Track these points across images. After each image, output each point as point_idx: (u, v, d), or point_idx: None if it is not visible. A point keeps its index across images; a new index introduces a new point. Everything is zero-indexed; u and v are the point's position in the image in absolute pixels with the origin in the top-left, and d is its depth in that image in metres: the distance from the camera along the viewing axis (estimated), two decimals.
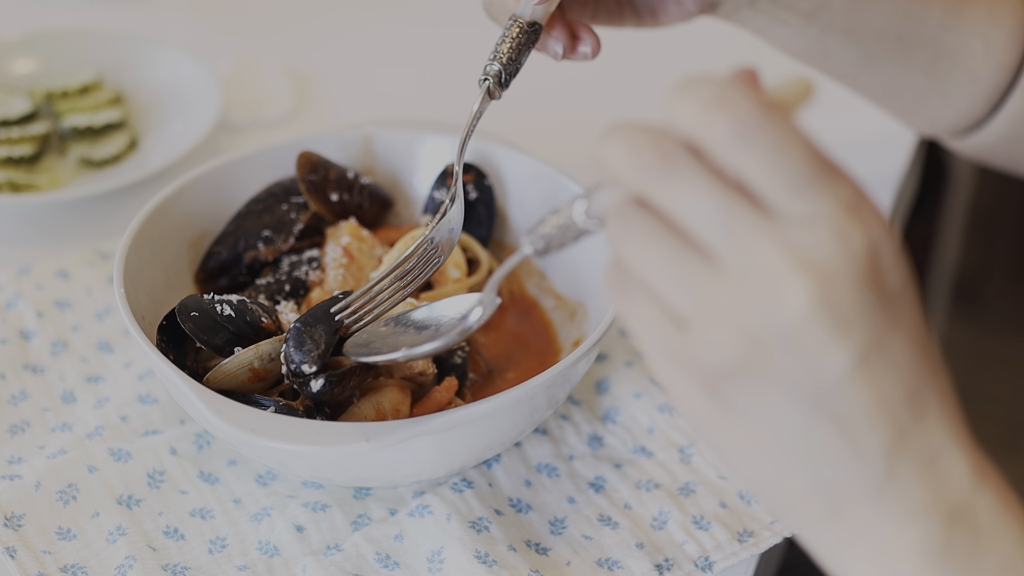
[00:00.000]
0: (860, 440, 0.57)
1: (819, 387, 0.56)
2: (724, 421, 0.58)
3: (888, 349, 0.57)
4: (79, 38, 1.33)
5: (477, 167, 1.03)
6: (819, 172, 0.56)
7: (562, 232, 0.64)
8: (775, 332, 0.56)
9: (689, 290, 0.57)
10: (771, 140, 0.55)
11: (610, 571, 0.88)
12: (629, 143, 0.57)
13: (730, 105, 0.56)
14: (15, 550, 0.87)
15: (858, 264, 0.56)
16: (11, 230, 1.16)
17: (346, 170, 1.03)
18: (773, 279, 0.55)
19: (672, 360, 0.58)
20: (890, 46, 1.05)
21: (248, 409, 0.82)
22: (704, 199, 0.56)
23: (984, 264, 2.70)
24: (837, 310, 0.55)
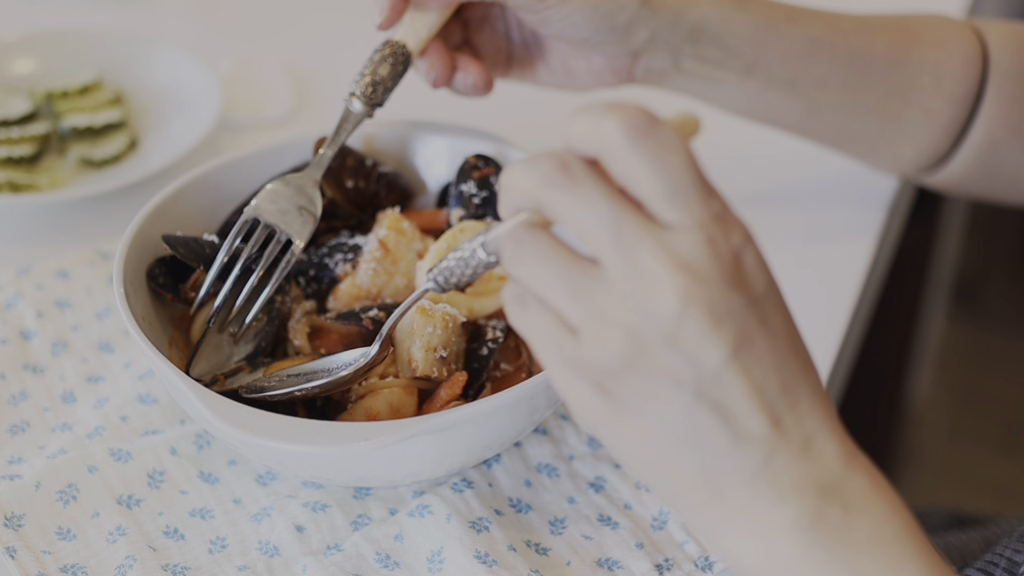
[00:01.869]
0: (740, 427, 0.62)
1: (698, 379, 0.61)
2: (615, 418, 0.63)
3: (756, 345, 0.62)
4: (79, 38, 1.33)
5: (495, 160, 1.03)
6: (695, 184, 0.61)
7: (462, 265, 0.69)
8: (654, 330, 0.61)
9: (577, 298, 0.62)
10: (656, 145, 0.60)
11: (610, 571, 0.88)
12: (529, 161, 0.63)
13: (621, 111, 0.61)
14: (15, 550, 0.87)
15: (725, 266, 0.61)
16: (11, 230, 1.16)
17: (364, 157, 1.03)
18: (651, 281, 0.60)
19: (565, 365, 0.63)
20: (835, 94, 1.05)
21: (248, 409, 0.82)
22: (595, 205, 0.61)
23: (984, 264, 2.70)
24: (709, 307, 0.61)
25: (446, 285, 0.71)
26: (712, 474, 0.63)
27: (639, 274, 0.60)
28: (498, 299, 0.96)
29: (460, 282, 0.70)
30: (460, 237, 0.96)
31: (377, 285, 0.97)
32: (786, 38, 1.03)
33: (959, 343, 2.56)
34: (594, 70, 1.04)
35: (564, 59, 1.05)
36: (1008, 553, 0.94)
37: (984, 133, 1.06)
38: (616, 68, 1.03)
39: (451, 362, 0.91)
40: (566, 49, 1.04)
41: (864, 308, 1.19)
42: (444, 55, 1.01)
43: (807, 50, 1.03)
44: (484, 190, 1.01)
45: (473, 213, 1.00)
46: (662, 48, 1.02)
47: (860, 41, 1.04)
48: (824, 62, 1.04)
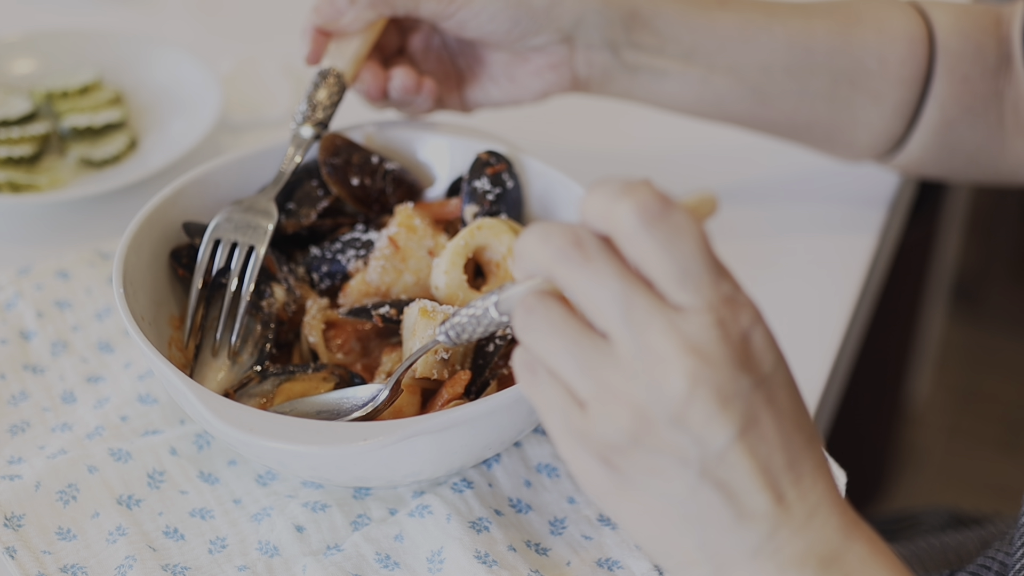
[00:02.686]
0: (744, 505, 0.62)
1: (704, 458, 0.62)
2: (620, 491, 0.64)
3: (762, 425, 0.62)
4: (79, 38, 1.33)
5: (506, 156, 1.03)
6: (706, 267, 0.61)
7: (474, 323, 0.70)
8: (661, 410, 0.61)
9: (587, 373, 0.62)
10: (669, 229, 0.60)
11: (610, 571, 0.88)
12: (543, 232, 0.63)
13: (635, 193, 0.61)
14: (15, 550, 0.87)
15: (733, 348, 0.61)
16: (11, 230, 1.16)
17: (371, 154, 1.03)
18: (660, 361, 0.61)
19: (572, 436, 0.64)
20: (780, 79, 1.05)
21: (248, 409, 0.82)
22: (607, 282, 0.61)
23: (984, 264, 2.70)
24: (716, 389, 0.61)
25: (457, 340, 0.72)
26: (714, 550, 0.64)
27: (648, 353, 0.61)
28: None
29: (471, 338, 0.71)
30: (477, 235, 0.96)
31: (386, 282, 0.97)
32: (719, 22, 1.03)
33: (959, 343, 2.55)
34: (534, 70, 1.04)
35: (506, 68, 1.06)
36: (1000, 556, 0.94)
37: (938, 113, 1.05)
38: (555, 63, 1.03)
39: (455, 363, 0.91)
40: (503, 57, 1.05)
41: (864, 307, 1.19)
42: (375, 72, 1.04)
43: (743, 34, 1.03)
44: (497, 186, 1.01)
45: (487, 209, 1.00)
46: (596, 34, 1.02)
47: (798, 24, 1.04)
48: (763, 46, 1.03)
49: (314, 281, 1.00)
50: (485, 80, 1.07)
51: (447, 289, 0.94)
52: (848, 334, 1.10)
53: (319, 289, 1.00)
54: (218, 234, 0.96)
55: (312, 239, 1.02)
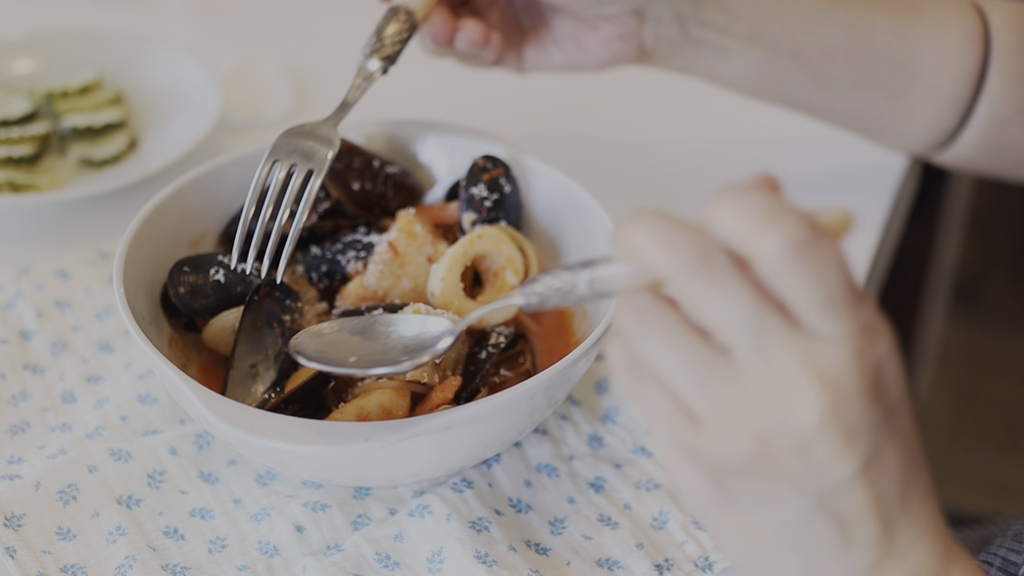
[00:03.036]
0: (853, 535, 0.61)
1: (822, 490, 0.59)
2: (725, 510, 0.61)
3: (884, 456, 0.60)
4: (79, 38, 1.33)
5: (503, 161, 1.03)
6: (848, 296, 0.58)
7: (559, 295, 0.65)
8: (785, 439, 0.58)
9: (705, 390, 0.59)
10: (817, 262, 0.57)
11: (610, 571, 0.88)
12: (664, 234, 0.58)
13: (783, 222, 0.57)
14: (15, 550, 0.87)
15: (867, 380, 0.58)
16: (11, 230, 1.16)
17: (372, 158, 1.03)
18: (790, 389, 0.58)
19: (681, 450, 0.61)
20: (840, 65, 1.05)
21: (248, 409, 0.82)
22: (737, 304, 0.58)
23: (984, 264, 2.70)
24: (846, 424, 0.58)
25: (539, 307, 0.67)
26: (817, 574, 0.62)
27: (778, 381, 0.58)
28: (508, 310, 0.96)
29: (550, 307, 0.67)
30: (477, 243, 0.96)
31: (384, 287, 0.97)
32: (785, 4, 1.04)
33: (959, 343, 2.55)
34: (602, 38, 1.04)
35: (572, 33, 1.05)
36: (1003, 552, 0.94)
37: (990, 110, 1.06)
38: (624, 34, 1.04)
39: (446, 368, 0.91)
40: (570, 22, 1.05)
41: None
42: (446, 17, 1.02)
43: (807, 18, 1.04)
44: (495, 192, 1.01)
45: (485, 216, 1.00)
46: (666, 8, 1.02)
47: (860, 12, 1.05)
48: (826, 31, 1.04)
49: (312, 280, 1.00)
50: (548, 43, 1.07)
51: (442, 296, 0.94)
52: None
53: (318, 289, 1.00)
54: (276, 155, 0.96)
55: (312, 240, 1.02)
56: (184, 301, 0.93)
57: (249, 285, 0.95)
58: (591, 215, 0.99)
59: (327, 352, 0.84)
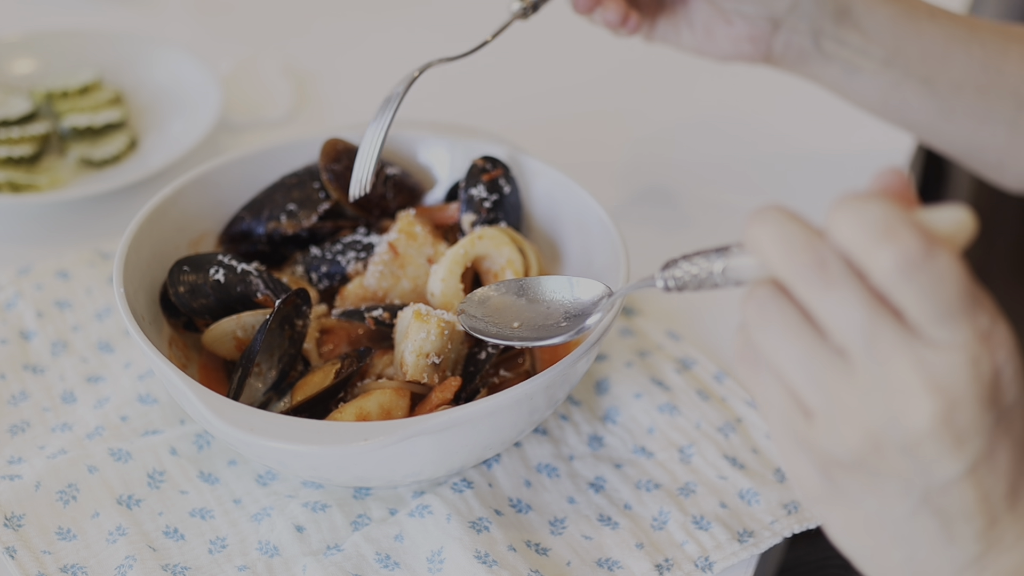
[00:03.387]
0: (956, 530, 0.62)
1: (928, 487, 0.61)
2: (833, 500, 0.63)
3: (996, 456, 0.61)
4: (79, 38, 1.33)
5: (502, 161, 1.03)
6: (965, 304, 0.59)
7: (696, 281, 0.67)
8: (895, 439, 0.60)
9: (819, 385, 0.61)
10: (931, 277, 0.58)
11: (610, 571, 0.88)
12: (785, 236, 0.60)
13: (897, 238, 0.58)
14: (15, 550, 0.87)
15: (983, 387, 0.59)
16: (11, 230, 1.16)
17: None
18: (903, 393, 0.59)
19: (793, 440, 0.62)
20: (969, 98, 1.05)
21: (248, 409, 0.82)
22: (852, 309, 0.59)
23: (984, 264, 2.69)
24: (956, 428, 0.59)
25: (675, 289, 0.69)
26: (919, 566, 0.64)
27: (891, 384, 0.59)
28: None
29: (685, 290, 0.69)
30: (478, 244, 0.96)
31: (383, 288, 0.97)
32: (925, 33, 1.03)
33: None
34: (734, 35, 1.05)
35: (707, 21, 1.06)
36: None
37: None
38: (755, 36, 1.04)
39: (445, 368, 0.91)
40: (709, 9, 1.05)
41: None
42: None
43: (945, 48, 1.03)
44: (494, 193, 1.01)
45: (485, 217, 1.00)
46: (804, 22, 1.02)
47: (995, 46, 1.04)
48: (960, 63, 1.03)
49: (312, 281, 1.00)
50: (682, 22, 1.07)
51: (442, 297, 0.94)
52: None
53: (318, 289, 1.00)
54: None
55: (312, 240, 1.02)
56: (183, 300, 0.93)
57: (249, 286, 0.95)
58: (591, 215, 0.99)
59: (493, 318, 0.87)
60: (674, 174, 1.23)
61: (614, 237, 0.96)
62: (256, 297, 0.95)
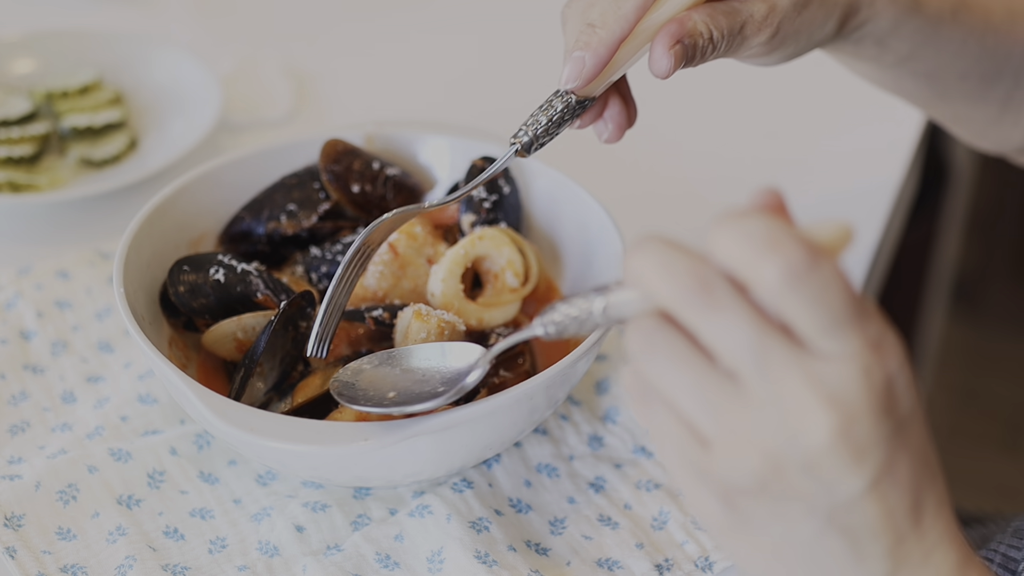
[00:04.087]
0: (864, 549, 0.61)
1: (832, 506, 0.60)
2: (739, 530, 0.62)
3: (896, 469, 0.60)
4: (79, 38, 1.33)
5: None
6: (853, 314, 0.58)
7: (576, 324, 0.66)
8: (795, 458, 0.59)
9: (712, 412, 0.59)
10: (816, 286, 0.57)
11: (610, 571, 0.88)
12: (665, 263, 0.59)
13: (781, 250, 0.57)
14: (15, 550, 0.87)
15: (877, 396, 0.58)
16: (11, 230, 1.16)
17: (372, 159, 1.03)
18: (798, 410, 0.58)
19: (692, 472, 0.61)
20: (971, 85, 1.04)
21: (248, 409, 0.82)
22: (739, 329, 0.58)
23: (984, 264, 2.70)
24: (855, 441, 0.58)
25: (556, 336, 0.68)
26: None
27: (785, 402, 0.58)
28: (508, 311, 0.96)
29: (570, 335, 0.67)
30: (478, 245, 0.96)
31: (383, 288, 0.97)
32: (944, 36, 1.00)
33: (959, 343, 2.55)
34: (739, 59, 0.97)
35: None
36: (1003, 549, 0.94)
37: None
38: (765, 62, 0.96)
39: None
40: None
41: None
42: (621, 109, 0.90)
43: (960, 47, 1.01)
44: (493, 193, 1.01)
45: (484, 218, 1.00)
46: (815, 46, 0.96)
47: (1006, 31, 1.03)
48: (971, 56, 1.02)
49: (312, 281, 1.00)
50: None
51: (443, 297, 0.94)
52: None
53: (318, 290, 1.00)
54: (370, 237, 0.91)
55: (312, 240, 1.02)
56: (183, 300, 0.93)
57: (249, 286, 0.95)
58: (591, 215, 0.99)
59: (368, 391, 0.84)
60: (675, 174, 1.23)
61: (614, 237, 0.96)
62: (256, 297, 0.95)
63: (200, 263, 0.95)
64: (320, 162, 1.02)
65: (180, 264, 0.95)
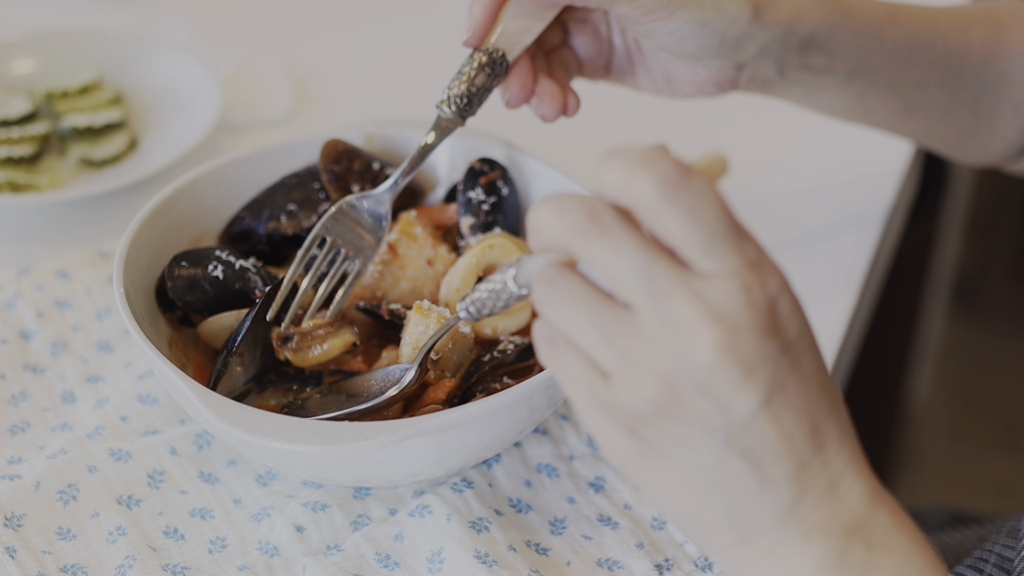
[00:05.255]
0: (767, 472, 0.63)
1: (730, 426, 0.62)
2: (646, 460, 0.64)
3: (788, 391, 0.62)
4: (79, 38, 1.33)
5: (500, 163, 1.03)
6: (729, 232, 0.61)
7: (493, 297, 0.69)
8: (687, 378, 0.61)
9: (610, 344, 0.62)
10: (690, 198, 0.60)
11: (610, 571, 0.88)
12: (558, 206, 0.62)
13: (654, 164, 0.60)
14: (15, 550, 0.87)
15: (760, 314, 0.61)
16: (11, 230, 1.16)
17: (372, 160, 1.03)
18: (684, 330, 0.60)
19: (597, 407, 0.63)
20: (933, 93, 1.05)
21: (248, 409, 0.82)
22: (627, 254, 0.61)
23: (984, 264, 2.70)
24: (742, 356, 0.61)
25: (478, 315, 0.71)
26: (739, 517, 0.64)
27: (672, 323, 0.60)
28: (520, 318, 0.96)
29: (492, 312, 0.70)
30: (488, 253, 0.96)
31: (383, 288, 0.97)
32: (888, 41, 1.02)
33: (959, 343, 2.55)
34: (696, 80, 1.01)
35: (666, 68, 1.02)
36: (998, 549, 0.94)
37: None
38: (720, 80, 1.01)
39: (444, 368, 0.91)
40: (669, 59, 1.01)
41: (864, 308, 1.19)
42: (525, 77, 0.96)
43: (908, 52, 1.02)
44: (492, 195, 1.01)
45: (483, 220, 1.00)
46: (770, 60, 0.99)
47: (956, 38, 1.04)
48: (924, 62, 1.03)
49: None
50: (639, 69, 1.03)
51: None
52: (848, 334, 1.10)
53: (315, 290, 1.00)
54: (324, 232, 0.96)
55: None
56: (180, 294, 0.93)
57: (247, 283, 0.95)
58: None
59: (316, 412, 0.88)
60: None
61: None
62: (254, 294, 0.95)
63: (198, 258, 0.95)
64: (320, 162, 1.02)
65: (178, 259, 0.95)
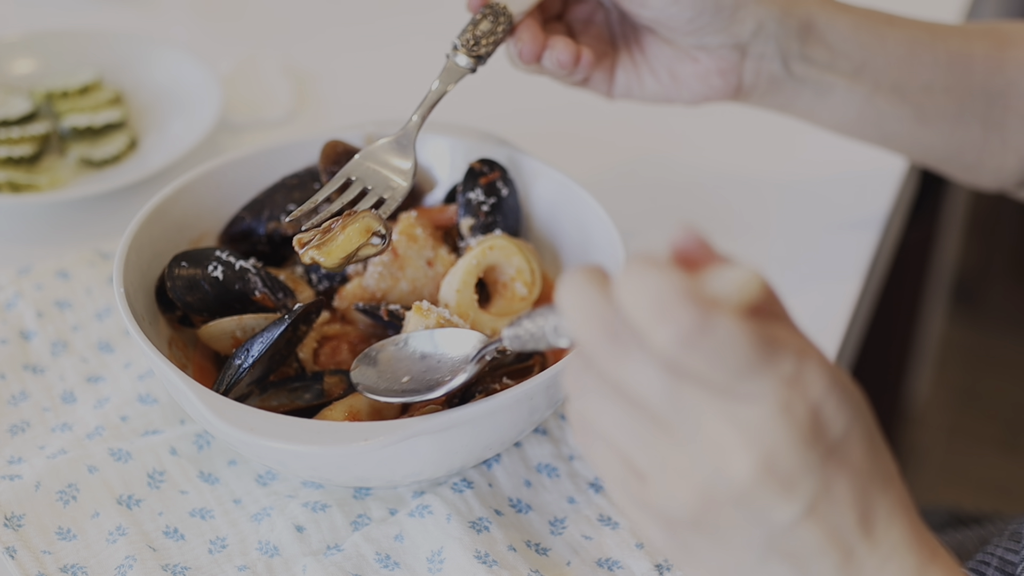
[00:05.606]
0: (811, 568, 0.61)
1: (771, 534, 0.60)
2: (686, 557, 0.63)
3: (834, 490, 0.60)
4: (79, 38, 1.33)
5: (500, 164, 1.03)
6: (760, 355, 0.58)
7: (535, 340, 0.68)
8: (725, 493, 0.59)
9: (645, 447, 0.60)
10: (711, 347, 0.57)
11: (610, 571, 0.88)
12: (580, 305, 0.59)
13: (670, 317, 0.56)
14: (15, 550, 0.87)
15: (801, 428, 0.59)
16: (11, 230, 1.16)
17: None
18: (720, 449, 0.59)
19: (633, 504, 0.62)
20: (939, 99, 1.04)
21: (248, 409, 0.82)
22: (649, 377, 0.59)
23: (984, 264, 2.70)
24: (780, 475, 0.59)
25: (519, 349, 0.70)
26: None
27: (708, 440, 0.59)
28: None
29: (527, 347, 0.69)
30: (489, 255, 0.96)
31: (383, 288, 0.97)
32: (888, 39, 1.02)
33: (959, 343, 2.55)
34: (701, 72, 1.01)
35: (670, 63, 1.02)
36: (1000, 552, 0.94)
37: None
38: (724, 69, 1.00)
39: None
40: (669, 51, 1.01)
41: (864, 308, 1.19)
42: (535, 32, 0.98)
43: (909, 52, 1.02)
44: (492, 196, 1.01)
45: (483, 221, 1.00)
46: (771, 44, 0.99)
47: (958, 44, 1.04)
48: (926, 65, 1.03)
49: (312, 281, 1.00)
50: (643, 70, 1.03)
51: (458, 308, 0.95)
52: (848, 334, 1.10)
53: (317, 290, 1.00)
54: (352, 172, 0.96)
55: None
56: (179, 294, 0.93)
57: (247, 283, 0.95)
58: (591, 215, 0.99)
59: (385, 374, 0.86)
60: (675, 174, 1.23)
61: (614, 238, 0.96)
62: (254, 295, 0.95)
63: (198, 258, 0.95)
64: (320, 163, 1.02)
65: (178, 259, 0.95)
